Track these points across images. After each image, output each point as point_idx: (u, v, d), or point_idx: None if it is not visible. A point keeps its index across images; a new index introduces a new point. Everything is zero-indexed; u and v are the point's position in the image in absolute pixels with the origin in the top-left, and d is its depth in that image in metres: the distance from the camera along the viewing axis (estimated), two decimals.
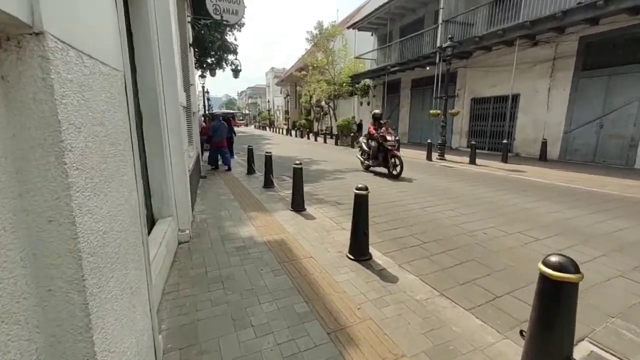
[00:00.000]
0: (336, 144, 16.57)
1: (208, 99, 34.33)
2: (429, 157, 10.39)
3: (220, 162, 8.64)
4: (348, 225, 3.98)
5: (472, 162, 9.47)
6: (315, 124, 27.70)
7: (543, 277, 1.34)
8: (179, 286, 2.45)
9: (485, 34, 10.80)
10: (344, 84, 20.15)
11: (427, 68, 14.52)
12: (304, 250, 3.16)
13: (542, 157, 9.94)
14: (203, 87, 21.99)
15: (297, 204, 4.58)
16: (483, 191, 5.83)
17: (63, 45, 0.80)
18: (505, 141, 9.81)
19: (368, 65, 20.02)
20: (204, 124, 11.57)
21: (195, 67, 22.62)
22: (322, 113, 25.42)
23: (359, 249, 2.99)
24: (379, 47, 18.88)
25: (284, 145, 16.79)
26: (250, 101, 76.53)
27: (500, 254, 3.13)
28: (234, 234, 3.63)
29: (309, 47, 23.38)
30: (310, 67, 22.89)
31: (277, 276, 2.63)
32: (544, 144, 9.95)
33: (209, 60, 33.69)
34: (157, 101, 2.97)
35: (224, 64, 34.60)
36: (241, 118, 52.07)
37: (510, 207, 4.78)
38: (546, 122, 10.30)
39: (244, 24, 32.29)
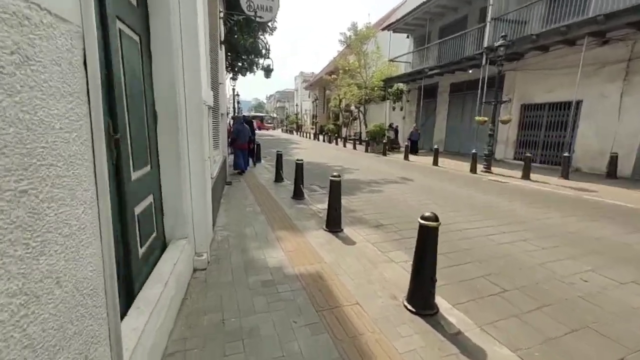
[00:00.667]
0: (367, 150, 15.77)
1: (238, 102, 34.86)
2: (473, 170, 9.33)
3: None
4: (396, 255, 3.26)
5: (526, 176, 8.32)
6: (344, 129, 27.00)
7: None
8: (185, 343, 1.84)
9: (544, 31, 9.59)
10: (376, 88, 19.32)
11: (470, 71, 13.40)
12: (346, 292, 2.46)
13: (611, 174, 8.55)
14: (233, 89, 22.08)
15: (333, 224, 3.89)
16: (554, 216, 4.82)
17: None
18: (566, 154, 8.55)
19: (402, 69, 19.07)
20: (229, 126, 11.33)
21: (227, 70, 22.85)
22: (351, 118, 24.70)
23: (422, 299, 2.24)
24: (415, 49, 17.90)
25: (312, 151, 16.24)
26: (278, 105, 77.45)
27: (623, 317, 2.24)
28: (259, 260, 3.00)
29: (341, 48, 22.85)
30: (341, 71, 22.33)
31: (316, 335, 1.94)
32: (614, 158, 8.57)
33: (240, 64, 34.09)
34: (175, 97, 2.43)
35: (254, 67, 34.78)
36: (269, 121, 52.32)
37: (601, 240, 3.79)
38: (616, 133, 8.90)
39: (276, 27, 32.20)
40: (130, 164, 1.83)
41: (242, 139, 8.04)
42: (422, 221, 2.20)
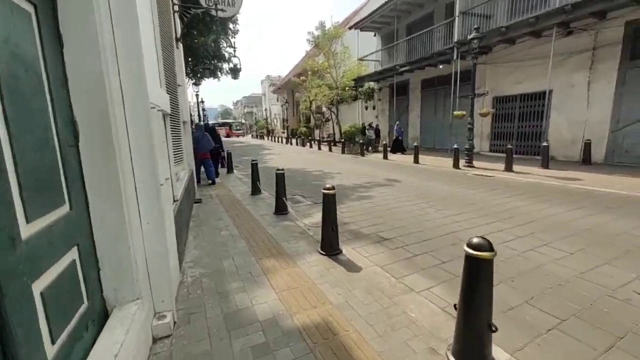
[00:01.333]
0: (343, 152, 15.32)
1: (203, 109, 33.16)
2: (456, 165, 9.13)
3: (203, 176, 7.84)
4: (414, 282, 2.66)
5: (509, 169, 8.21)
6: (316, 132, 26.49)
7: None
8: None
9: (513, 23, 9.65)
10: (347, 88, 19.00)
11: (440, 66, 13.40)
12: (369, 349, 1.82)
13: (586, 161, 8.71)
14: (197, 95, 20.82)
15: (330, 246, 3.25)
16: (559, 211, 4.53)
17: None
18: (545, 144, 8.57)
19: (371, 68, 18.90)
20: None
21: (188, 76, 21.40)
22: (323, 119, 24.24)
23: (477, 354, 1.65)
24: (383, 47, 17.79)
25: (286, 156, 15.49)
26: (246, 110, 75.60)
27: None
28: (245, 310, 2.28)
29: (308, 49, 22.36)
30: (309, 72, 21.81)
31: None
32: (588, 145, 8.73)
33: (202, 69, 32.28)
34: (105, 98, 1.66)
35: (219, 72, 33.33)
36: (238, 127, 49.91)
37: (623, 237, 3.48)
38: (586, 121, 9.10)
39: (238, 30, 31.05)
40: (15, 214, 1.07)
41: (202, 148, 7.37)
42: (471, 251, 1.61)
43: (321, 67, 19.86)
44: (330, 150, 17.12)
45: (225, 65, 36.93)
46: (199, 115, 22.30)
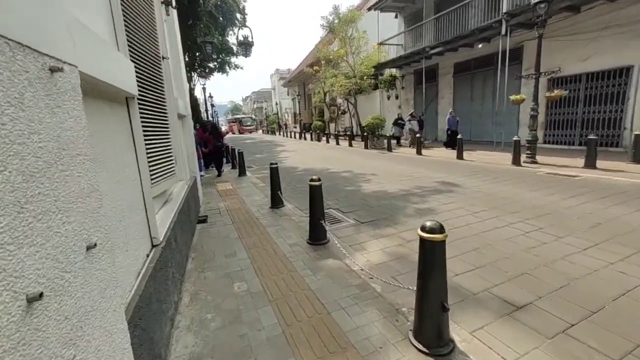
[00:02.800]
0: (366, 147, 13.72)
1: (212, 105, 32.00)
2: (516, 161, 7.44)
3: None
4: None
5: (591, 165, 6.49)
6: (331, 125, 24.89)
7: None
8: None
9: None
10: (365, 77, 17.29)
11: (479, 46, 11.56)
12: None
13: None
14: (204, 88, 19.62)
15: (433, 337, 1.74)
16: None
17: None
18: (638, 132, 6.78)
19: (391, 54, 17.08)
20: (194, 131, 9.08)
21: (195, 72, 20.03)
22: (339, 112, 22.59)
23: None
24: (407, 29, 15.94)
25: (303, 152, 14.01)
26: (255, 106, 74.46)
27: None
28: None
29: (320, 37, 20.70)
30: (323, 62, 20.17)
31: None
32: None
33: (211, 65, 31.06)
34: None
35: (226, 67, 31.85)
36: (249, 123, 47.89)
37: None
38: None
39: (246, 20, 29.65)
40: None
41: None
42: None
43: (337, 54, 18.18)
44: (350, 145, 15.54)
45: (234, 59, 35.52)
46: (206, 110, 21.00)
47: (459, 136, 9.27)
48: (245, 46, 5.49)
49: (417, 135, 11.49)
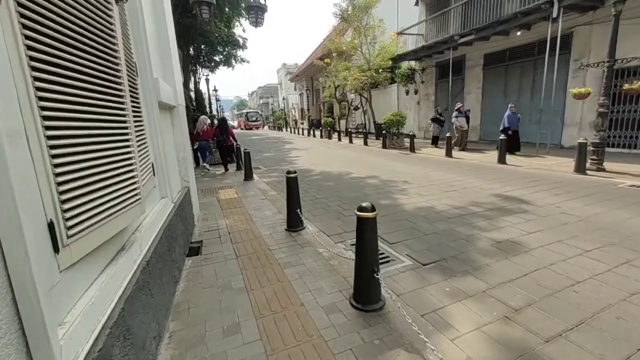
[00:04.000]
0: (384, 146, 12.42)
1: (217, 99, 30.84)
2: (580, 168, 6.12)
3: None
4: None
5: None
6: (342, 122, 23.58)
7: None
8: None
9: None
10: (381, 70, 15.94)
11: (518, 33, 10.16)
12: None
13: None
14: (207, 79, 18.54)
15: None
16: None
17: None
18: None
19: (409, 46, 15.67)
20: (205, 125, 8.65)
21: (201, 64, 18.86)
22: (351, 108, 21.25)
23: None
24: (429, 16, 14.51)
25: (315, 151, 12.77)
26: (261, 101, 73.35)
27: None
28: None
29: (331, 29, 19.39)
30: (334, 54, 18.83)
31: None
32: None
33: (216, 58, 29.83)
34: None
35: (232, 60, 30.61)
36: (255, 118, 45.72)
37: None
38: None
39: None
40: None
41: None
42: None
43: (350, 45, 16.83)
44: (365, 143, 14.25)
45: (240, 52, 34.25)
46: (209, 104, 19.91)
47: (501, 136, 7.92)
48: (256, 11, 4.24)
49: (464, 132, 10.29)
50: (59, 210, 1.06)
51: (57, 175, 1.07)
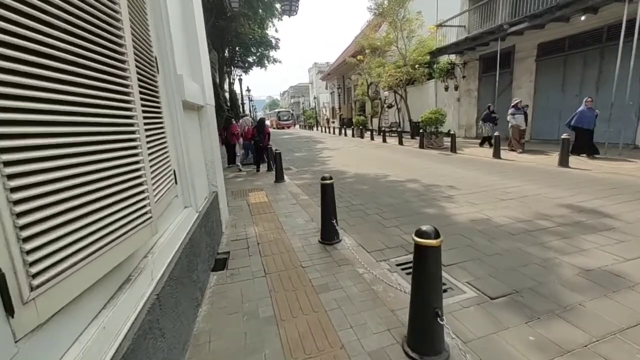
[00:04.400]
0: (422, 146, 11.63)
1: (250, 99, 31.40)
2: None
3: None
4: None
5: None
6: (374, 120, 22.83)
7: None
8: None
9: None
10: (417, 66, 15.03)
11: (582, 18, 8.92)
12: None
13: None
14: (240, 80, 18.82)
15: None
16: None
17: None
18: None
19: (451, 37, 14.57)
20: (247, 126, 9.29)
21: (236, 66, 19.16)
22: (384, 106, 20.44)
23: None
24: (472, 6, 13.37)
25: (347, 151, 12.30)
26: (292, 101, 74.09)
27: None
28: None
29: (370, 19, 18.76)
30: (367, 50, 18.17)
31: None
32: None
33: (250, 59, 30.36)
34: None
35: (265, 61, 30.95)
36: (286, 118, 46.14)
37: None
38: None
39: (292, 11, 28.42)
40: None
41: None
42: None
43: (385, 41, 16.09)
44: (400, 143, 13.51)
45: (272, 53, 34.55)
46: (242, 103, 20.22)
47: (565, 135, 6.91)
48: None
49: (522, 132, 9.10)
50: (15, 252, 0.74)
51: (15, 203, 0.75)
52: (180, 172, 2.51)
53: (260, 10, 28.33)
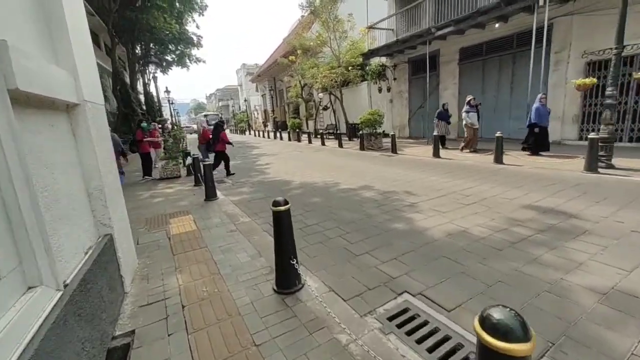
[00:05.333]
0: (362, 148, 11.42)
1: (171, 102, 28.03)
2: (592, 166, 5.51)
3: None
4: None
5: None
6: (310, 123, 22.42)
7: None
8: None
9: None
10: (350, 68, 15.03)
11: (496, 25, 9.71)
12: None
13: None
14: (154, 77, 16.45)
15: None
16: None
17: None
18: None
19: (382, 40, 14.90)
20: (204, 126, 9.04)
21: (150, 61, 16.59)
22: (320, 108, 20.12)
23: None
24: (398, 10, 13.82)
25: (287, 157, 11.41)
26: (221, 104, 69.93)
27: None
28: None
29: (301, 18, 18.19)
30: (299, 51, 17.63)
31: None
32: None
33: (168, 58, 27.12)
34: None
35: (186, 60, 28.11)
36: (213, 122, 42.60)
37: None
38: None
39: (206, 6, 25.98)
40: None
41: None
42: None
43: (318, 41, 15.69)
44: (340, 145, 13.16)
45: (194, 51, 31.44)
46: (159, 106, 17.83)
47: (498, 133, 7.20)
48: None
49: (476, 131, 8.62)
50: None
51: None
52: (14, 223, 1.34)
53: (177, 4, 25.44)
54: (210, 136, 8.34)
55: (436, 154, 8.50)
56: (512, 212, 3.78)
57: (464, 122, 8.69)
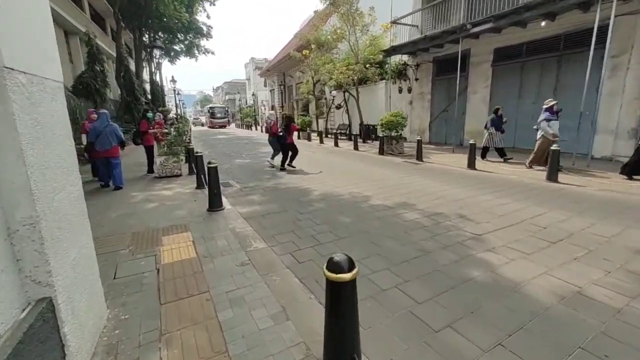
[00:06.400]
0: (381, 152, 10.40)
1: (177, 92, 27.08)
2: None
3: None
4: None
5: None
6: (321, 122, 21.40)
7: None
8: None
9: None
10: (368, 65, 14.01)
11: (543, 23, 8.65)
12: None
13: None
14: (159, 62, 15.67)
15: None
16: None
17: None
18: None
19: (404, 37, 13.83)
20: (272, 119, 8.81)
21: (155, 46, 15.64)
22: (333, 106, 19.08)
23: None
24: (425, 5, 12.74)
25: (299, 158, 10.38)
26: (227, 97, 69.05)
27: None
28: None
29: (319, 10, 17.18)
30: (313, 45, 16.61)
31: None
32: None
33: (177, 47, 26.01)
34: None
35: (195, 50, 26.98)
36: (219, 115, 41.40)
37: None
38: None
39: None
40: None
41: (104, 144, 5.51)
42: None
43: (336, 35, 14.64)
44: (355, 148, 12.14)
45: (203, 42, 30.37)
46: (162, 96, 16.94)
47: (555, 146, 6.13)
48: None
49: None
50: None
51: None
52: None
53: None
54: (279, 130, 8.32)
55: (471, 165, 7.48)
56: (627, 260, 2.77)
57: (539, 133, 7.03)
